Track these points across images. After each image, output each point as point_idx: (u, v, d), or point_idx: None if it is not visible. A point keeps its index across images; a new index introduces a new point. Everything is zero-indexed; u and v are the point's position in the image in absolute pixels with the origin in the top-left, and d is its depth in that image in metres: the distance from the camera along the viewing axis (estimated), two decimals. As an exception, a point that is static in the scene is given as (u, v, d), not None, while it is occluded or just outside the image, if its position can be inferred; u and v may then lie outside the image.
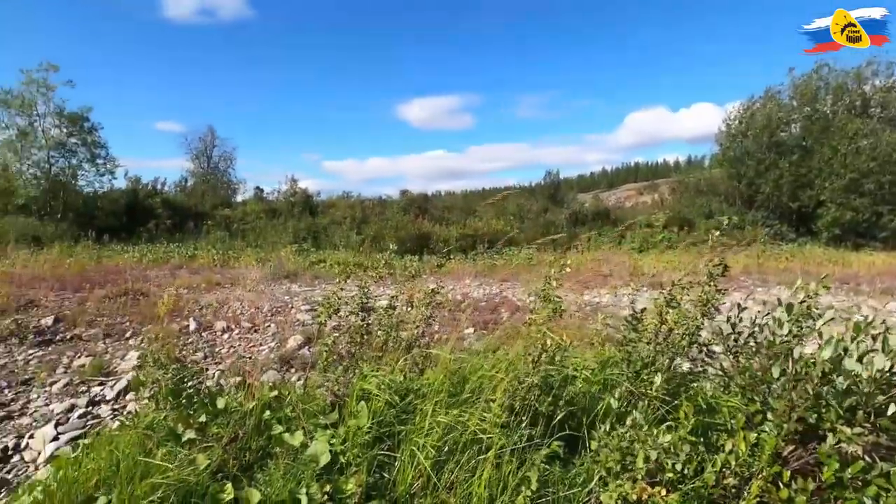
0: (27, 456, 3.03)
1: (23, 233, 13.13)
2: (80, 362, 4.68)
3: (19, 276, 8.44)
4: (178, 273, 10.59)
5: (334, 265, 11.78)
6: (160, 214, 17.53)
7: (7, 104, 16.23)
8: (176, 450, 2.01)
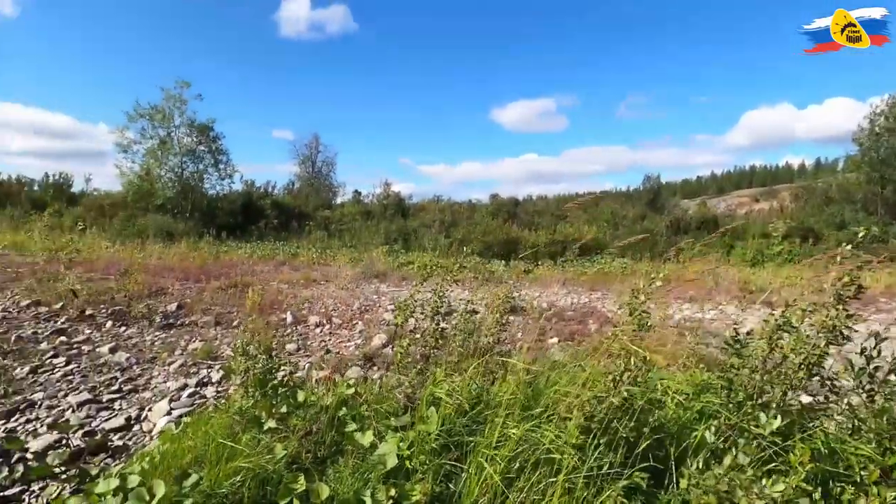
0: (145, 427, 3.41)
1: (159, 229, 15.14)
2: (194, 346, 5.21)
3: (154, 267, 9.67)
4: (281, 269, 11.48)
5: (421, 267, 12.03)
6: (269, 215, 19.25)
7: (151, 118, 18.89)
8: (258, 437, 2.13)
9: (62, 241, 11.33)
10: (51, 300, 6.49)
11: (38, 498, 2.47)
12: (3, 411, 3.51)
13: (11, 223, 15.34)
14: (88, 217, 16.96)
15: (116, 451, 3.03)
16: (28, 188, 21.02)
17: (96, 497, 1.87)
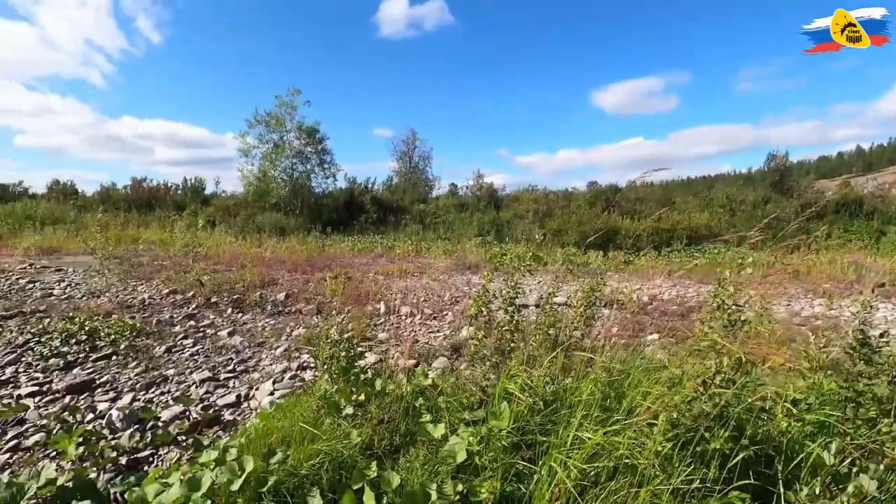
0: (252, 405, 3.76)
1: (274, 225, 16.70)
2: (298, 332, 5.65)
3: (268, 260, 10.66)
4: (378, 261, 12.02)
5: (513, 258, 11.88)
6: (369, 210, 20.31)
7: (267, 123, 20.89)
8: (338, 421, 2.24)
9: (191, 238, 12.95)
10: (185, 289, 7.44)
11: (163, 461, 2.83)
12: (144, 384, 4.09)
13: (159, 222, 17.89)
14: (217, 216, 19.20)
15: (227, 426, 3.38)
16: (172, 192, 24.34)
17: (199, 466, 2.10)
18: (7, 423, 3.30)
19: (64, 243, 12.85)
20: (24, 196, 25.87)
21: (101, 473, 2.68)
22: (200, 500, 1.83)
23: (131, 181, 25.19)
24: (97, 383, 4.09)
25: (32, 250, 11.73)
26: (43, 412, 3.52)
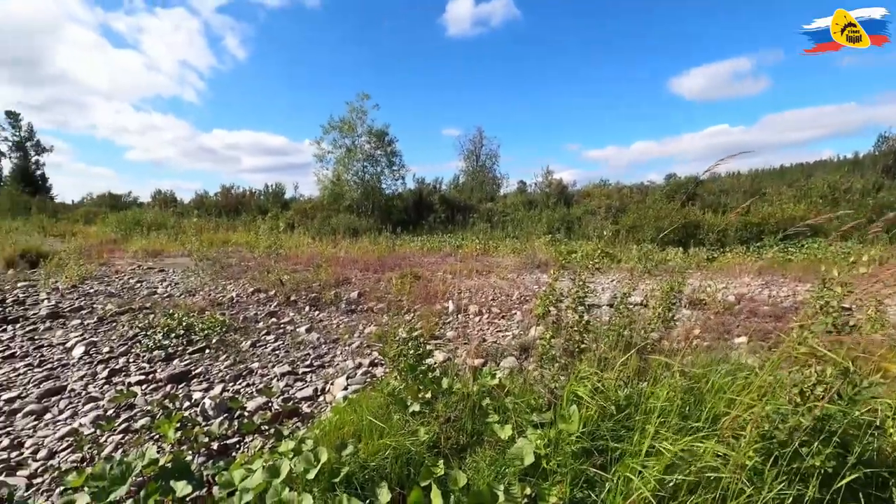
0: (327, 398, 3.95)
1: (347, 226, 17.42)
2: (369, 330, 5.84)
3: (342, 259, 11.13)
4: (446, 260, 12.14)
5: (583, 256, 11.50)
6: (437, 209, 20.59)
7: (339, 129, 21.86)
8: (405, 418, 2.28)
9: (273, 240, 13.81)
10: (267, 288, 7.95)
11: (248, 448, 3.04)
12: (232, 376, 4.42)
13: (245, 226, 19.30)
14: (296, 219, 20.36)
15: (305, 418, 3.56)
16: (256, 197, 26.18)
17: (278, 454, 2.22)
18: (120, 408, 3.71)
19: (166, 246, 14.22)
20: (133, 205, 29.05)
21: (196, 457, 2.93)
22: (280, 486, 1.94)
23: (221, 188, 27.46)
24: (193, 374, 4.48)
25: (140, 253, 13.08)
26: (148, 399, 3.92)
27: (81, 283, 8.89)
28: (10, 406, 3.86)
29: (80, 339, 5.53)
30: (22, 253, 11.37)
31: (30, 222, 21.36)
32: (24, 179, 41.38)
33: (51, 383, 4.30)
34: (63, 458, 3.03)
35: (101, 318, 6.42)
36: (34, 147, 47.81)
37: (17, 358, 5.03)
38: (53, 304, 7.09)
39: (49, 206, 30.04)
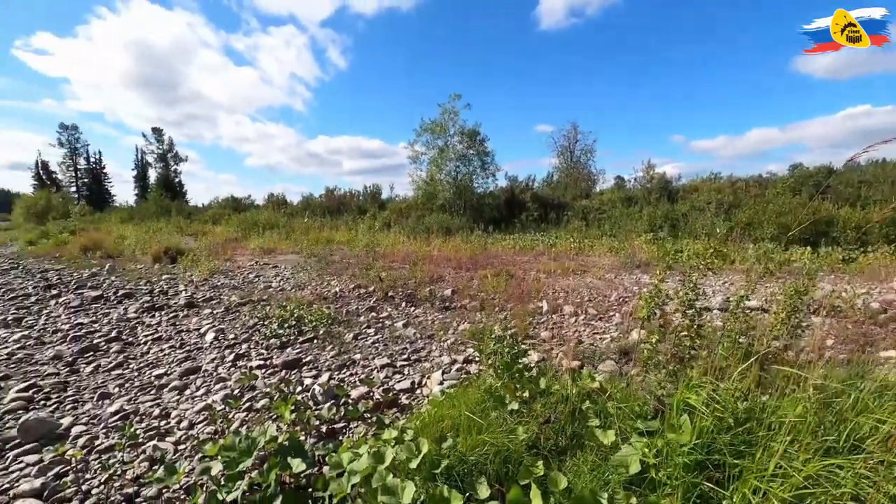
0: (424, 392, 4.08)
1: (440, 225, 17.82)
2: (463, 327, 5.93)
3: (436, 258, 11.40)
4: (539, 259, 11.93)
5: (691, 256, 10.64)
6: (530, 207, 20.28)
7: (432, 131, 22.40)
8: (503, 416, 2.28)
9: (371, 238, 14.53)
10: (367, 284, 8.40)
11: (353, 433, 3.24)
12: (337, 365, 4.74)
13: (346, 225, 20.56)
14: (392, 218, 21.26)
15: (403, 409, 3.72)
16: (355, 198, 27.76)
17: (382, 442, 2.35)
18: (244, 389, 4.15)
19: (278, 244, 15.58)
20: (251, 207, 32.23)
21: (307, 437, 3.19)
22: (384, 472, 2.04)
23: (325, 190, 29.53)
24: (304, 361, 4.88)
25: (257, 250, 14.47)
26: (266, 382, 4.33)
27: (211, 277, 10.06)
28: (159, 381, 4.49)
29: (210, 326, 6.27)
30: (165, 250, 13.13)
31: (170, 223, 24.59)
32: (166, 186, 47.77)
33: (189, 363, 4.92)
34: (200, 430, 3.46)
35: (227, 308, 7.22)
36: (173, 158, 55.13)
37: (163, 340, 5.83)
38: (189, 295, 8.10)
39: (185, 209, 34.37)
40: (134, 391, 4.27)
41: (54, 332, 6.29)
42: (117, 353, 5.37)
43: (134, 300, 8.00)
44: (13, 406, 3.94)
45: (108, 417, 3.69)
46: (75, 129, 57.19)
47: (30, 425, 3.33)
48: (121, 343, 5.70)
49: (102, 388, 4.37)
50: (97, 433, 3.41)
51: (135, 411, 3.80)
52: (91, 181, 57.60)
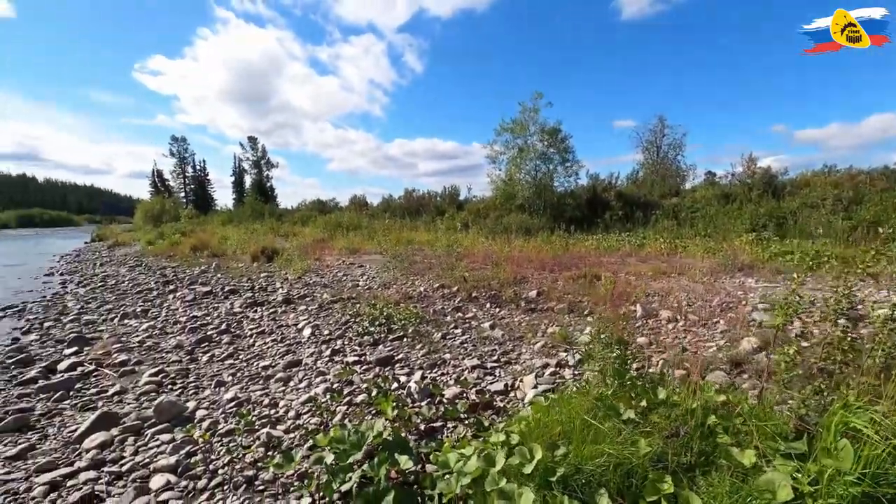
0: (518, 395, 4.00)
1: (519, 225, 17.57)
2: (552, 330, 5.76)
3: (516, 258, 11.23)
4: (627, 260, 11.35)
5: (805, 258, 9.59)
6: (613, 206, 19.37)
7: (512, 130, 22.13)
8: (618, 426, 2.15)
9: (454, 239, 14.63)
10: (450, 284, 8.46)
11: (452, 433, 3.24)
12: (428, 364, 4.80)
13: (424, 226, 20.93)
14: (469, 218, 21.32)
15: (499, 411, 3.67)
16: (433, 199, 28.20)
17: (490, 445, 2.31)
18: (342, 383, 4.32)
19: (362, 244, 16.20)
20: (335, 209, 33.87)
21: (407, 434, 3.24)
22: (497, 475, 2.00)
23: (404, 192, 30.32)
24: (396, 359, 4.99)
25: (343, 251, 15.15)
26: (363, 378, 4.48)
27: (303, 275, 10.67)
28: (266, 372, 4.80)
29: (307, 321, 6.63)
30: (262, 249, 14.14)
31: (264, 225, 26.50)
32: (260, 191, 51.68)
33: (290, 357, 5.22)
34: (306, 420, 3.64)
35: (321, 305, 7.60)
36: (266, 164, 59.45)
37: (266, 334, 6.25)
38: (286, 292, 8.64)
39: (276, 211, 36.90)
40: (245, 380, 4.61)
41: (174, 323, 6.98)
42: (228, 344, 5.84)
43: (238, 296, 8.68)
44: (147, 388, 4.40)
45: (225, 404, 4.00)
46: (184, 141, 63.58)
47: (163, 407, 3.69)
48: (230, 335, 6.20)
49: (218, 376, 4.76)
50: (217, 418, 3.71)
51: (247, 399, 4.09)
52: (197, 187, 63.68)
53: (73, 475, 2.95)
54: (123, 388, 4.47)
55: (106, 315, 7.66)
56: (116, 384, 4.59)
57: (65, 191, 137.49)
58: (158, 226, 29.53)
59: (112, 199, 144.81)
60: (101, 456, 3.17)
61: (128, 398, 4.25)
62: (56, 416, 3.93)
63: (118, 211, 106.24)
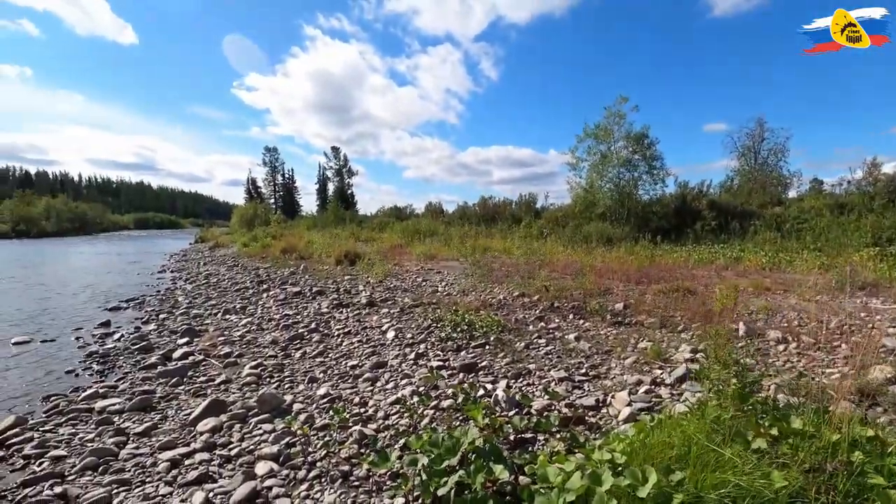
0: (611, 411, 3.79)
1: (600, 235, 16.89)
2: (643, 345, 5.44)
3: (599, 269, 10.80)
4: (723, 274, 10.51)
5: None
6: (705, 216, 18.03)
7: (595, 136, 21.36)
8: (746, 455, 1.95)
9: (532, 247, 14.39)
10: (531, 293, 8.29)
11: (544, 446, 3.13)
12: (513, 373, 4.70)
13: (500, 234, 20.80)
14: (547, 227, 20.87)
15: (591, 427, 3.49)
16: (509, 207, 28.00)
17: (594, 462, 2.19)
18: (428, 387, 4.35)
19: (439, 251, 16.42)
20: (412, 216, 34.70)
21: (499, 444, 3.17)
22: (605, 496, 1.89)
23: (479, 199, 30.37)
24: (479, 366, 4.95)
25: (421, 256, 15.43)
26: (447, 383, 4.49)
27: (384, 279, 10.99)
28: (353, 371, 4.96)
29: (390, 324, 6.79)
30: (345, 253, 14.78)
31: (345, 230, 27.74)
32: (341, 197, 54.25)
33: (376, 358, 5.36)
34: (395, 420, 3.70)
35: (402, 309, 7.76)
36: (347, 172, 62.38)
37: (352, 335, 6.48)
38: (368, 295, 8.92)
39: (356, 217, 38.55)
40: (335, 378, 4.79)
41: (269, 320, 7.45)
42: (317, 342, 6.12)
43: (324, 297, 9.11)
44: (248, 380, 4.71)
45: (319, 399, 4.18)
46: (275, 151, 68.59)
47: (265, 398, 3.92)
48: (319, 334, 6.50)
49: (310, 372, 4.99)
50: (312, 412, 3.87)
51: (338, 396, 4.24)
52: (285, 193, 68.27)
53: (189, 455, 3.21)
54: (228, 378, 4.82)
55: (210, 310, 8.35)
56: (222, 374, 4.96)
57: (174, 196, 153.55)
58: (251, 229, 31.92)
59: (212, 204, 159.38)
60: (213, 439, 3.42)
61: (232, 388, 4.58)
62: (173, 400, 4.32)
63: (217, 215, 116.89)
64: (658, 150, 20.78)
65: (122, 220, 73.93)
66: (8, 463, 3.25)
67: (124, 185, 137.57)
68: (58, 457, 3.24)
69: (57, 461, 3.20)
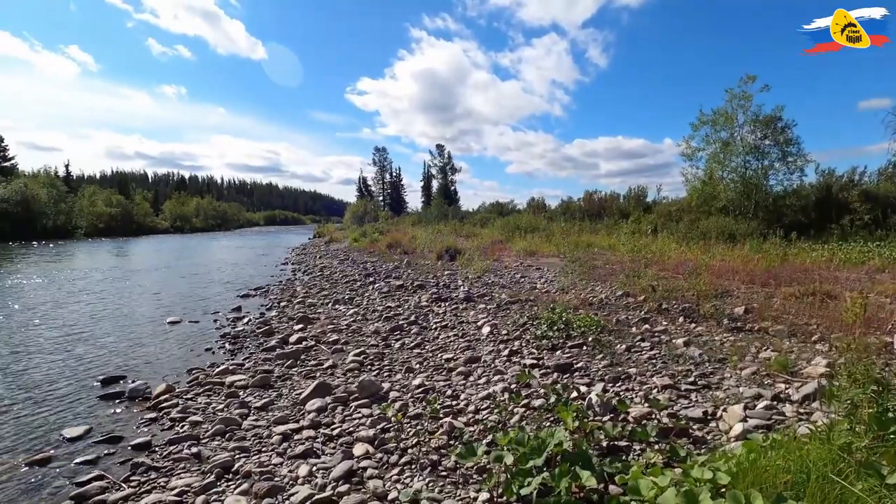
0: (721, 426, 3.44)
1: (720, 230, 15.27)
2: (766, 355, 4.84)
3: (717, 268, 9.80)
4: (877, 277, 8.96)
5: None
6: (856, 208, 15.39)
7: (714, 122, 19.24)
8: (880, 491, 1.66)
9: (640, 244, 13.49)
10: (636, 292, 7.80)
11: (639, 456, 2.95)
12: (611, 377, 4.48)
13: (606, 229, 19.79)
14: (658, 222, 19.41)
15: (696, 441, 3.21)
16: (616, 201, 26.54)
17: (692, 480, 2.01)
18: (520, 385, 4.31)
19: (539, 247, 16.10)
20: (513, 211, 34.43)
21: (589, 449, 3.05)
22: (701, 518, 1.73)
23: (584, 194, 29.20)
24: (575, 367, 4.79)
25: (520, 252, 15.27)
26: (540, 382, 4.41)
27: (483, 275, 11.07)
28: (448, 365, 5.09)
29: (486, 320, 6.83)
30: (445, 249, 15.13)
31: (447, 226, 28.38)
32: (444, 194, 55.52)
33: (470, 352, 5.44)
34: (485, 416, 3.73)
35: (499, 305, 7.77)
36: (450, 170, 63.60)
37: (448, 328, 6.64)
38: (466, 290, 9.06)
39: (458, 213, 39.23)
40: (430, 370, 4.96)
41: (372, 311, 7.91)
42: (416, 334, 6.37)
43: (424, 291, 9.43)
44: (351, 366, 5.06)
45: (414, 389, 4.35)
46: (384, 151, 72.26)
47: (365, 384, 4.19)
48: (418, 327, 6.75)
49: (407, 363, 5.22)
50: (407, 401, 4.05)
51: (432, 388, 4.38)
52: (392, 191, 71.66)
53: (298, 431, 3.54)
54: (334, 363, 5.22)
55: (322, 300, 9.09)
56: (330, 359, 5.39)
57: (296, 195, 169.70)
58: (361, 225, 34.05)
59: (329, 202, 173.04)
60: (318, 419, 3.74)
61: (337, 372, 4.96)
62: (287, 380, 4.79)
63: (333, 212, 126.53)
64: (794, 134, 18.18)
65: (255, 217, 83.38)
66: (159, 423, 3.86)
67: (256, 186, 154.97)
68: (195, 422, 3.78)
69: (194, 426, 3.73)
